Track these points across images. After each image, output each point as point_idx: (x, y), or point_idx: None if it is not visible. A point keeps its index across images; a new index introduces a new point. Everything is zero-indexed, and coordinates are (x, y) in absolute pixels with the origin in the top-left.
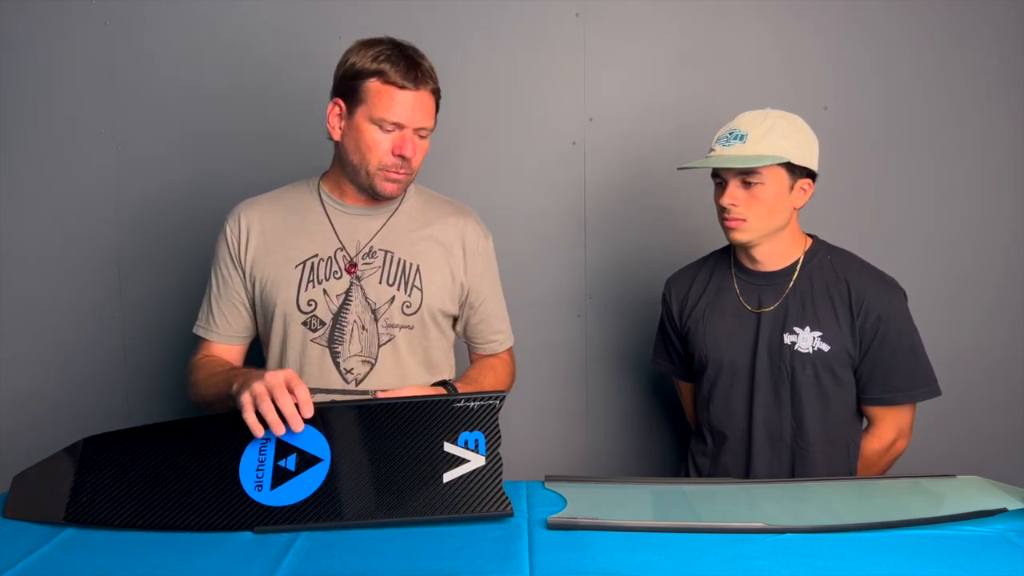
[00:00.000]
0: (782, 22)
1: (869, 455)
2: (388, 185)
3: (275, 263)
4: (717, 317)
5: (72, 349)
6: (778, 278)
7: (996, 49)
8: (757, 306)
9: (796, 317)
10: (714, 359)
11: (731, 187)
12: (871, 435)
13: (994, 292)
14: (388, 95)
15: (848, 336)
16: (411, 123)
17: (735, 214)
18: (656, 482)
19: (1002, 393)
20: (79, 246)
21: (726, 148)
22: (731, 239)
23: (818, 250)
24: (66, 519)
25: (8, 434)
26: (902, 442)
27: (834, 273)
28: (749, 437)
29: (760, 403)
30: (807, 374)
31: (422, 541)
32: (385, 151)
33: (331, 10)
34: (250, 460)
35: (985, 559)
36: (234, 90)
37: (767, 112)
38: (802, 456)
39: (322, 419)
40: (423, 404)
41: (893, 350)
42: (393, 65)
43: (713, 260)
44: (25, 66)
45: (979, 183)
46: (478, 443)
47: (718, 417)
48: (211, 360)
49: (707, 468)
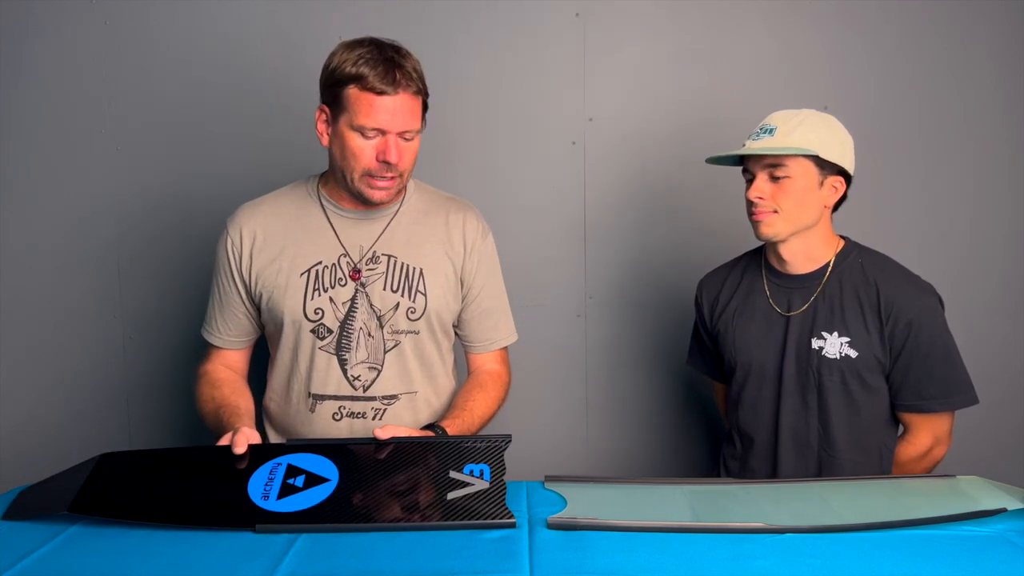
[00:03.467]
0: (782, 22)
1: (905, 461)
2: (375, 192)
3: (280, 271)
4: (747, 319)
5: (72, 349)
6: (808, 281)
7: (995, 49)
8: (787, 309)
9: (824, 322)
10: (742, 362)
11: (758, 180)
12: (906, 441)
13: (995, 292)
14: (367, 102)
15: (877, 342)
16: (392, 128)
17: (762, 207)
18: (656, 482)
19: (1002, 393)
20: (79, 246)
21: (755, 142)
22: (759, 234)
23: (849, 252)
24: (71, 510)
25: (8, 434)
26: (940, 449)
27: (864, 276)
28: (775, 441)
29: (787, 407)
30: (834, 380)
31: (422, 541)
32: (369, 157)
33: (331, 10)
34: (260, 477)
35: (985, 559)
36: (234, 90)
37: (801, 110)
38: (829, 462)
39: (331, 453)
40: (431, 443)
41: (926, 357)
42: (372, 69)
43: (745, 261)
44: (25, 66)
45: (979, 183)
46: (483, 472)
47: (746, 420)
48: (212, 379)
49: (736, 471)
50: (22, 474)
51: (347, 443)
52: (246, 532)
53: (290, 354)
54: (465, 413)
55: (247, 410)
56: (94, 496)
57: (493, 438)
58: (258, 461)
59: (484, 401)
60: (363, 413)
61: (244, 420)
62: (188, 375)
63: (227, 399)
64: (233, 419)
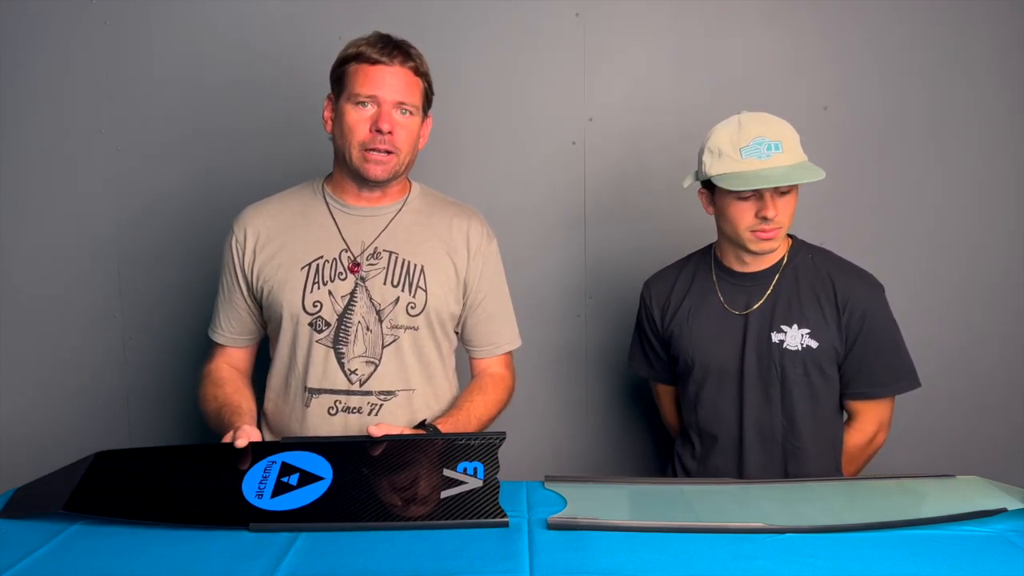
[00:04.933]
0: (782, 22)
1: (851, 449)
2: (372, 167)
3: (281, 266)
4: (703, 319)
5: (72, 349)
6: (761, 278)
7: (996, 49)
8: (744, 307)
9: (783, 315)
10: (701, 362)
11: (770, 199)
12: (853, 429)
13: (994, 291)
14: (363, 72)
15: (835, 333)
16: (386, 96)
17: (775, 225)
18: (656, 482)
19: (1002, 393)
20: (79, 246)
21: (766, 160)
22: (761, 250)
23: (799, 249)
24: (66, 508)
25: (8, 433)
26: (882, 435)
27: (817, 272)
28: (740, 438)
29: (750, 404)
30: (797, 372)
31: (422, 541)
32: (363, 129)
33: (331, 10)
34: (254, 475)
35: (985, 559)
36: (234, 90)
37: (768, 116)
38: (794, 454)
39: (325, 451)
40: (426, 441)
41: (877, 346)
42: (370, 46)
43: (695, 262)
44: (25, 66)
45: (979, 183)
46: (477, 470)
47: (707, 420)
48: (215, 378)
49: (695, 470)
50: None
51: (342, 441)
52: (247, 532)
53: (288, 349)
54: (461, 413)
55: (248, 410)
56: (89, 494)
57: (487, 435)
58: (253, 459)
59: (483, 403)
60: (359, 408)
61: (245, 419)
62: (188, 375)
63: (229, 398)
64: (234, 418)
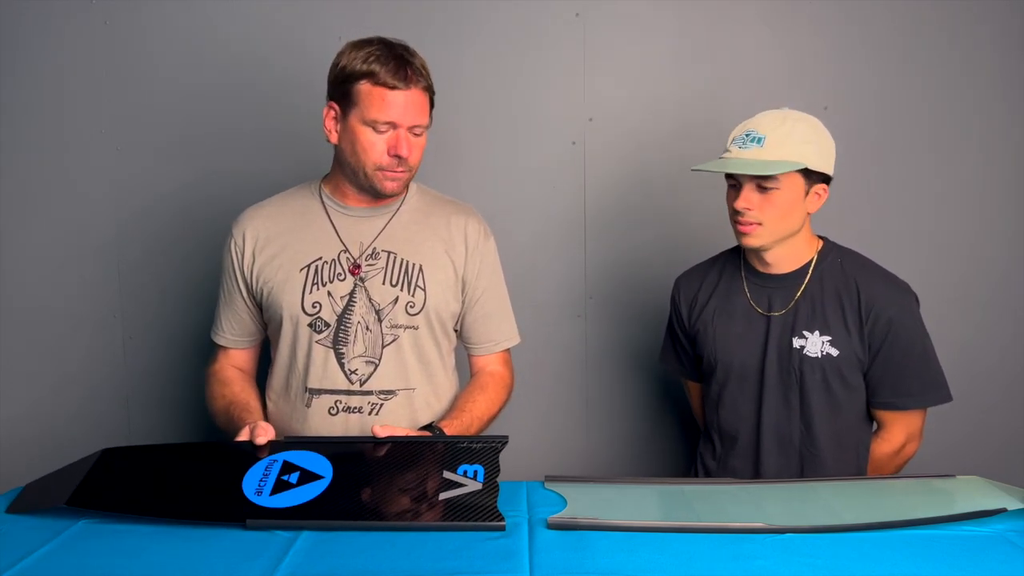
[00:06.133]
0: (782, 22)
1: (879, 458)
2: (388, 184)
3: (280, 268)
4: (727, 319)
5: (72, 349)
6: (789, 281)
7: (996, 49)
8: (767, 309)
9: (806, 321)
10: (723, 362)
11: (746, 191)
12: (881, 439)
13: (994, 292)
14: (379, 96)
15: (857, 341)
16: (404, 122)
17: (749, 218)
18: (656, 482)
19: (1002, 393)
20: (79, 246)
21: (743, 151)
22: (743, 244)
23: (829, 252)
24: (69, 503)
25: (8, 433)
26: (912, 446)
27: (844, 276)
28: (758, 440)
29: (769, 407)
30: (816, 379)
31: (422, 541)
32: (380, 152)
33: (331, 11)
34: (255, 473)
35: (985, 559)
36: (234, 91)
37: (785, 113)
38: (811, 459)
39: (328, 450)
40: (427, 442)
41: (904, 355)
42: (383, 66)
43: (723, 261)
44: (25, 66)
45: (979, 183)
46: (477, 473)
47: (727, 420)
48: (221, 378)
49: (715, 470)
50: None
51: (344, 441)
52: (248, 531)
53: (288, 350)
54: (464, 414)
55: (256, 408)
56: (93, 490)
57: (489, 439)
58: (255, 458)
59: (485, 403)
60: (359, 408)
61: (255, 416)
62: (188, 375)
63: (237, 396)
64: (244, 415)
